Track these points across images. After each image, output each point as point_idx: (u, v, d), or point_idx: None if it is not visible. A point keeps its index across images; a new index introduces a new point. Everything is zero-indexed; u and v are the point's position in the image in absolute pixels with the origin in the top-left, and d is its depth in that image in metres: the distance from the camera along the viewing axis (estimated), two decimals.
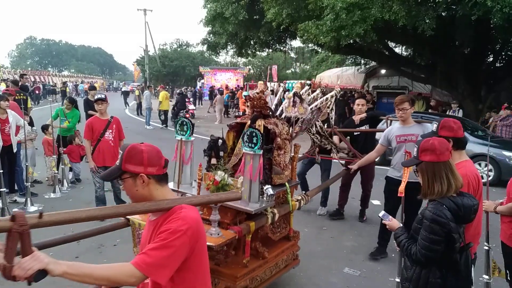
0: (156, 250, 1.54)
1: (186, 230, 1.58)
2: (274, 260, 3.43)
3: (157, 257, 1.53)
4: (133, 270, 1.52)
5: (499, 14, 8.16)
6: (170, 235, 1.56)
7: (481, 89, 14.58)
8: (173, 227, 1.58)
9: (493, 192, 3.48)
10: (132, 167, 1.67)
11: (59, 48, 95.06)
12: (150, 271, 1.52)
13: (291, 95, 3.70)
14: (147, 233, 1.77)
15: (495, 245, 3.12)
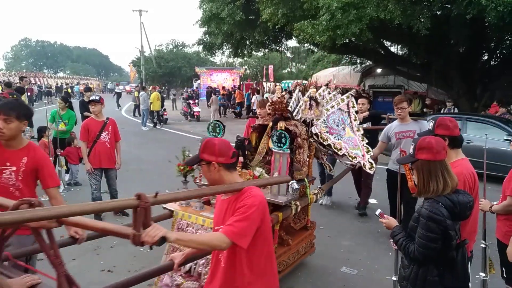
0: (239, 222, 1.94)
1: (258, 204, 1.99)
2: (296, 247, 3.91)
3: (240, 227, 1.93)
4: (224, 238, 1.89)
5: (494, 13, 8.20)
6: (247, 209, 1.96)
7: (476, 87, 14.64)
8: (249, 203, 1.98)
9: (489, 190, 3.49)
10: (206, 156, 2.07)
11: (54, 50, 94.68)
12: (235, 238, 1.91)
13: (307, 99, 4.01)
14: (220, 209, 2.18)
15: (491, 242, 3.13)
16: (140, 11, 37.71)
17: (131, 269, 4.20)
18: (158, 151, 11.22)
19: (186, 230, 3.41)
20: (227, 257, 2.08)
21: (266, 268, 2.14)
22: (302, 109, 4.07)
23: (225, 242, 1.90)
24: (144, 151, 11.01)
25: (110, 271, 4.20)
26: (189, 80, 42.56)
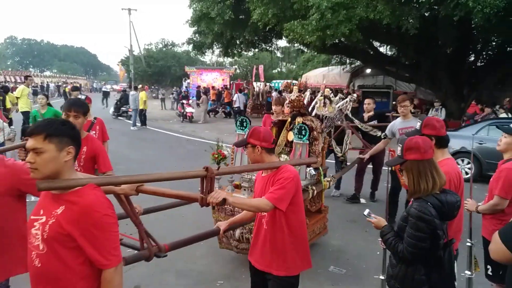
0: (278, 190, 2.42)
1: (293, 177, 2.48)
2: (312, 227, 4.33)
3: (279, 194, 2.41)
4: (267, 202, 2.38)
5: (480, 15, 8.31)
6: (284, 180, 2.44)
7: (463, 88, 14.84)
8: (285, 176, 2.47)
9: (475, 189, 3.54)
10: (252, 140, 2.58)
11: (41, 48, 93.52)
12: (276, 202, 2.39)
13: (322, 98, 4.63)
14: (260, 184, 2.68)
15: (476, 240, 3.17)
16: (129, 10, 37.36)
17: None
18: (146, 150, 11.16)
19: (225, 206, 3.78)
20: (269, 220, 2.55)
21: (302, 233, 2.62)
22: (317, 106, 4.67)
23: (268, 205, 2.38)
24: (132, 151, 10.93)
25: None
26: (179, 80, 42.36)
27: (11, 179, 2.15)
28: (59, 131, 1.72)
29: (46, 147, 1.66)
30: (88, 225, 1.65)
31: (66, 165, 1.73)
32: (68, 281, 1.69)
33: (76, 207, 1.66)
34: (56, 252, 1.67)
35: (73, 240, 1.66)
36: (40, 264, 1.70)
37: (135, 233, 2.30)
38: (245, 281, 4.07)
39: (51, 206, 1.71)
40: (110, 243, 1.72)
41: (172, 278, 4.05)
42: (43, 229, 1.68)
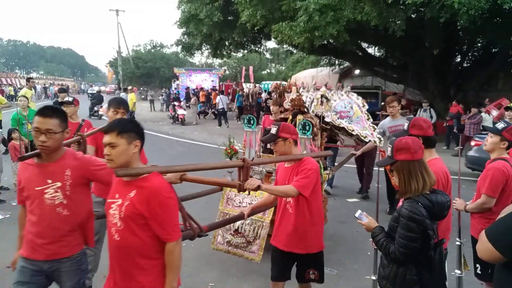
0: (303, 179, 2.84)
1: (315, 168, 2.92)
2: None
3: (304, 182, 2.83)
4: (293, 188, 2.80)
5: (466, 16, 8.44)
6: (308, 171, 2.87)
7: (450, 88, 15.04)
8: (309, 167, 2.90)
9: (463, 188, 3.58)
10: (284, 134, 2.99)
11: (27, 49, 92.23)
12: (301, 189, 2.81)
13: (319, 96, 4.96)
14: (283, 174, 3.06)
15: (465, 240, 3.20)
16: (117, 11, 37.16)
17: (107, 274, 4.10)
18: None
19: (234, 199, 4.29)
20: (294, 206, 2.94)
21: (320, 216, 3.05)
22: (315, 105, 4.99)
23: (295, 192, 2.80)
24: None
25: None
26: (168, 81, 42.12)
27: (82, 169, 2.47)
28: (128, 128, 2.11)
29: (119, 142, 2.05)
30: (155, 206, 2.04)
31: (134, 156, 2.12)
32: (140, 251, 2.09)
33: (146, 191, 2.04)
34: (131, 228, 2.06)
35: (143, 218, 2.04)
36: (118, 238, 2.10)
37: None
38: (236, 283, 4.06)
39: (125, 191, 2.09)
40: (172, 220, 2.12)
41: None
42: (120, 210, 2.07)
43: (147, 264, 2.12)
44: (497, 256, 1.68)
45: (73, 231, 2.48)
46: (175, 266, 2.14)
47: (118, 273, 2.17)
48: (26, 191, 2.43)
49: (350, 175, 7.98)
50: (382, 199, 4.86)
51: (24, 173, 2.48)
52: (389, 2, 9.31)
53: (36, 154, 2.44)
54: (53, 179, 2.39)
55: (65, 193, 2.39)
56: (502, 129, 3.10)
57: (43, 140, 2.32)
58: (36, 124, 2.34)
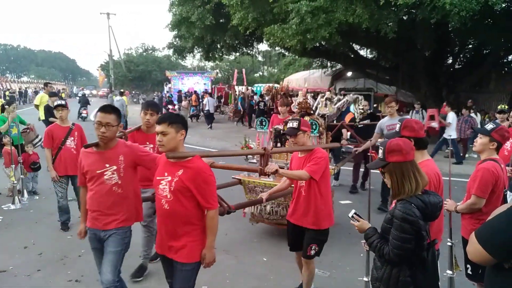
0: (314, 165, 3.31)
1: (325, 157, 3.41)
2: None
3: (315, 168, 3.30)
4: (306, 173, 3.28)
5: (457, 18, 8.49)
6: (318, 159, 3.35)
7: (442, 90, 15.14)
8: (319, 155, 3.38)
9: (455, 189, 3.60)
10: (304, 128, 3.51)
11: (18, 53, 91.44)
12: (312, 174, 3.28)
13: (324, 99, 5.58)
14: (297, 163, 3.53)
15: (457, 240, 3.21)
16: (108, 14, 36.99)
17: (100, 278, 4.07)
18: None
19: (255, 189, 5.07)
20: (306, 188, 3.43)
21: (328, 198, 3.53)
22: (319, 107, 5.57)
23: (306, 175, 3.28)
24: None
25: (78, 281, 4.04)
26: (160, 84, 41.97)
27: (132, 155, 3.03)
28: (176, 120, 2.62)
29: (169, 131, 2.56)
30: (200, 181, 2.55)
31: (180, 143, 2.63)
32: (185, 217, 2.61)
33: (191, 170, 2.55)
34: (179, 199, 2.57)
35: (189, 191, 2.55)
36: (168, 207, 2.60)
37: None
38: (228, 286, 4.04)
39: (173, 170, 2.59)
40: (212, 193, 2.65)
41: (152, 284, 3.98)
42: (170, 184, 2.57)
43: (190, 228, 2.63)
44: (487, 258, 1.67)
45: (124, 207, 3.02)
46: (214, 229, 2.67)
47: (165, 235, 2.69)
48: (89, 174, 2.99)
49: (343, 177, 8.00)
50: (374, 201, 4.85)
51: (86, 160, 3.03)
52: (381, 4, 9.35)
53: (95, 144, 3.02)
54: (110, 163, 2.95)
55: (120, 175, 2.97)
56: (491, 130, 3.13)
57: (103, 131, 2.89)
58: (98, 119, 2.92)
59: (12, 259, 4.49)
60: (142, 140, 3.99)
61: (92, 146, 3.05)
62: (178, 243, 2.64)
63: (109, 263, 2.96)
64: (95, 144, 3.03)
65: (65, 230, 5.36)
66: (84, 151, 3.09)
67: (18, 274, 4.16)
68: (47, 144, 5.24)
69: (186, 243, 2.63)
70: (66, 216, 5.43)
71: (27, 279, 4.06)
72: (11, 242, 5.00)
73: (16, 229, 5.44)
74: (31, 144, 7.18)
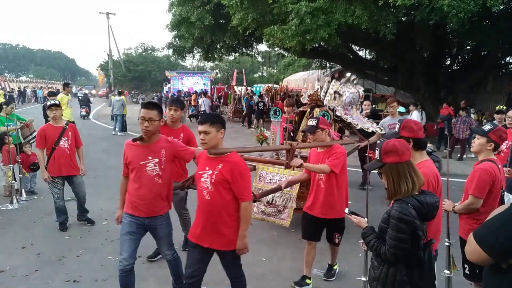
0: (335, 160, 3.65)
1: (344, 152, 3.77)
2: None
3: (335, 162, 3.64)
4: (327, 167, 3.61)
5: (455, 19, 8.52)
6: (338, 154, 3.69)
7: (440, 91, 15.16)
8: (339, 151, 3.72)
9: (453, 189, 3.61)
10: (323, 126, 3.79)
11: (16, 52, 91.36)
12: (333, 167, 3.62)
13: (332, 92, 5.81)
14: (316, 157, 3.86)
15: (455, 240, 3.22)
16: (108, 14, 36.99)
17: (98, 278, 4.07)
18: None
19: (266, 176, 5.20)
20: (325, 181, 3.73)
21: (345, 190, 3.84)
22: (328, 99, 5.78)
23: (328, 169, 3.61)
24: (111, 157, 10.74)
25: (75, 281, 4.04)
26: (159, 84, 41.98)
27: (172, 150, 3.32)
28: (217, 120, 2.90)
29: (211, 130, 2.84)
30: (237, 174, 2.84)
31: (220, 141, 2.92)
32: (224, 208, 2.90)
33: (230, 164, 2.86)
34: (219, 190, 2.87)
35: (228, 183, 2.85)
36: (209, 198, 2.90)
37: None
38: (227, 285, 4.03)
39: (214, 164, 2.89)
40: (247, 185, 2.92)
41: (151, 285, 3.99)
42: (211, 177, 2.87)
43: (227, 217, 2.91)
44: (485, 258, 1.68)
45: (164, 195, 3.35)
46: (247, 219, 2.93)
47: (205, 223, 2.95)
48: (132, 165, 3.26)
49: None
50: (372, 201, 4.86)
51: (129, 151, 3.30)
52: (380, 5, 9.37)
53: (140, 138, 3.28)
54: (152, 156, 3.23)
55: (161, 167, 3.25)
56: (488, 130, 3.14)
57: (146, 125, 3.15)
58: (142, 114, 3.18)
59: (10, 260, 4.48)
60: (166, 133, 4.14)
61: (137, 140, 3.30)
62: (217, 233, 2.92)
63: (165, 245, 3.45)
64: (140, 138, 3.28)
65: (63, 230, 5.34)
66: (128, 144, 3.33)
67: (15, 274, 4.16)
68: (39, 145, 5.16)
69: (224, 232, 2.91)
70: (63, 216, 5.39)
71: (24, 280, 4.06)
72: (9, 242, 4.99)
73: (14, 229, 5.44)
74: (28, 142, 7.16)
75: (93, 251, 4.75)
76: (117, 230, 5.33)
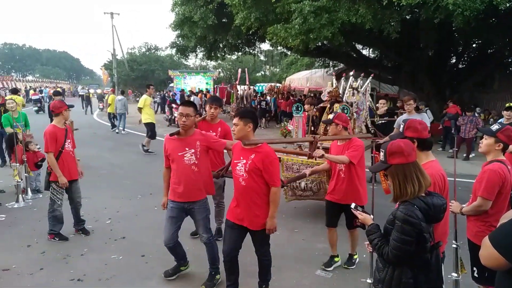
0: (354, 152, 3.95)
1: (362, 144, 4.05)
2: None
3: (354, 154, 3.94)
4: (347, 158, 3.91)
5: (460, 18, 8.43)
6: (357, 146, 3.99)
7: (445, 89, 15.05)
8: (358, 144, 4.04)
9: (459, 190, 3.57)
10: (337, 121, 4.10)
11: (23, 52, 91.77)
12: (352, 158, 3.91)
13: (351, 89, 6.25)
14: (336, 150, 4.19)
15: (462, 242, 3.18)
16: (112, 14, 36.95)
17: (102, 277, 4.07)
18: (129, 155, 10.96)
19: (292, 167, 5.66)
20: (345, 171, 4.04)
21: (364, 179, 4.13)
22: (347, 95, 6.16)
23: (347, 160, 3.92)
24: (116, 156, 10.75)
25: (80, 280, 4.04)
26: (163, 84, 42.01)
27: (206, 141, 3.74)
28: (245, 115, 3.31)
29: (239, 123, 3.26)
30: (267, 163, 3.21)
31: (249, 133, 3.29)
32: (257, 192, 3.29)
33: (261, 154, 3.22)
34: (252, 177, 3.24)
35: (260, 171, 3.21)
36: (244, 184, 3.28)
37: None
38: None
39: (247, 154, 3.26)
40: (276, 173, 3.28)
41: (154, 284, 3.98)
42: (245, 166, 3.24)
43: (260, 200, 3.29)
44: (502, 262, 1.61)
45: (201, 182, 3.75)
46: (276, 202, 3.30)
47: (242, 204, 3.34)
48: (172, 156, 3.70)
49: None
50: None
51: (169, 145, 3.74)
52: (384, 4, 9.31)
53: (177, 132, 3.71)
54: (189, 147, 3.66)
55: (197, 157, 3.67)
56: (496, 130, 3.05)
57: (184, 120, 3.58)
58: (180, 111, 3.62)
59: (16, 258, 4.50)
60: (206, 129, 4.47)
61: (175, 134, 3.72)
62: (251, 214, 3.30)
63: (202, 227, 3.82)
64: (177, 132, 3.72)
65: (67, 240, 5.03)
66: (168, 138, 3.77)
67: (21, 272, 4.17)
68: (52, 148, 4.79)
69: (259, 214, 3.29)
70: (60, 226, 5.05)
71: (30, 278, 4.07)
72: (14, 240, 5.01)
73: (19, 227, 5.45)
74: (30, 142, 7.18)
75: (97, 250, 4.75)
76: (121, 229, 5.36)
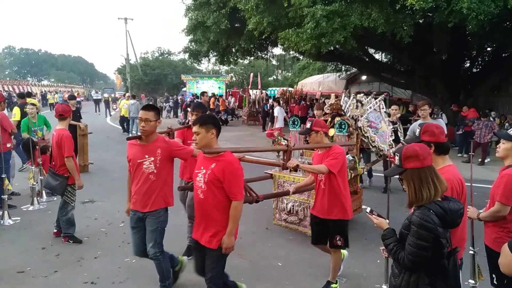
0: (332, 160, 3.63)
1: (342, 152, 3.73)
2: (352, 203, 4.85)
3: (332, 162, 3.62)
4: (325, 167, 3.59)
5: (475, 22, 8.34)
6: (336, 154, 3.67)
7: (459, 94, 14.87)
8: (337, 151, 3.70)
9: (475, 195, 3.51)
10: (316, 128, 3.80)
11: (39, 58, 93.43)
12: (331, 167, 3.59)
13: (355, 101, 5.80)
14: (317, 159, 3.85)
15: (478, 248, 3.12)
16: (126, 19, 37.50)
17: (115, 281, 4.09)
18: None
19: (283, 184, 5.37)
20: (325, 182, 3.72)
21: (346, 190, 3.79)
22: (351, 108, 5.79)
23: (325, 169, 3.59)
24: None
25: (93, 283, 4.07)
26: (175, 88, 42.31)
27: (168, 150, 3.52)
28: (206, 121, 2.98)
29: (200, 130, 2.94)
30: (228, 174, 2.89)
31: (212, 140, 2.99)
32: (216, 205, 2.96)
33: (222, 163, 2.91)
34: (211, 189, 2.93)
35: (220, 182, 2.89)
36: (202, 196, 2.98)
37: None
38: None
39: (207, 163, 2.96)
40: (238, 184, 2.96)
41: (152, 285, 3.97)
42: (204, 176, 2.94)
43: (220, 216, 2.96)
44: None
45: (157, 192, 3.51)
46: (236, 218, 2.97)
47: (200, 222, 3.07)
48: (132, 162, 3.54)
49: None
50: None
51: (130, 150, 3.59)
52: (397, 8, 9.25)
53: (138, 137, 3.55)
54: (149, 155, 3.45)
55: (156, 165, 3.46)
56: None
57: (143, 125, 3.38)
58: (140, 115, 3.43)
59: (31, 260, 4.56)
60: (191, 136, 4.39)
61: (136, 139, 3.56)
62: (209, 231, 2.99)
63: (149, 239, 3.55)
64: (138, 137, 3.54)
65: (81, 242, 5.10)
66: (129, 143, 3.63)
67: (35, 275, 4.22)
68: (71, 152, 4.93)
69: (216, 231, 2.97)
70: (74, 228, 5.16)
71: (44, 280, 4.11)
72: (29, 242, 5.07)
73: (34, 230, 5.52)
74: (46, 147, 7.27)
75: (110, 253, 4.78)
76: None
